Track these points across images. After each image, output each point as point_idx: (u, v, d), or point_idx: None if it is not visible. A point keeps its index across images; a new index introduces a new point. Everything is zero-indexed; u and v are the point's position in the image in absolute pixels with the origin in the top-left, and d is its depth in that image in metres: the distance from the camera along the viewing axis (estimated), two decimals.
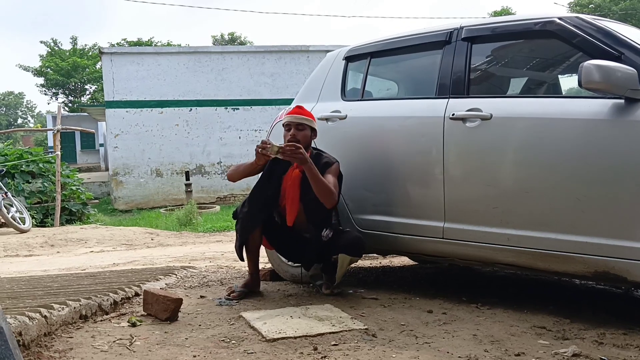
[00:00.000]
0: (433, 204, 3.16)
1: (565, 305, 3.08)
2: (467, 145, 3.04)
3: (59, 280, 3.86)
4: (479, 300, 3.15)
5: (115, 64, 15.39)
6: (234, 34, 40.25)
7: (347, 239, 3.26)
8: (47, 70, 37.14)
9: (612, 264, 2.56)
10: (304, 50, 16.40)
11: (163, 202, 15.51)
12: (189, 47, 19.94)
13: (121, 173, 15.60)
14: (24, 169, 11.09)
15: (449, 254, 3.18)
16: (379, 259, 4.85)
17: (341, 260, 3.27)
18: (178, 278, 4.04)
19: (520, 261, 2.89)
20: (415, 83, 3.88)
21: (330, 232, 3.28)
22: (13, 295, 3.08)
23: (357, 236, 3.30)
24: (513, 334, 2.57)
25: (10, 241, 7.66)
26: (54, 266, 5.64)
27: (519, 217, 2.84)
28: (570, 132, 2.69)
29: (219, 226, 9.80)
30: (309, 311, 2.96)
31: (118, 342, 2.49)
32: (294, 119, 3.34)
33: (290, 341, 2.49)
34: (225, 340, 2.52)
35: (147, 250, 7.16)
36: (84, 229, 9.06)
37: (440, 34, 3.32)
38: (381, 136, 3.46)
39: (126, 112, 15.48)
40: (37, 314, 2.45)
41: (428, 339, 2.52)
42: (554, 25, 2.89)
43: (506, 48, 3.41)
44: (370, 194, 3.48)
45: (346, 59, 3.88)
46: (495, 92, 3.48)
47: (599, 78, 2.49)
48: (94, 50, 36.83)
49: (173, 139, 15.78)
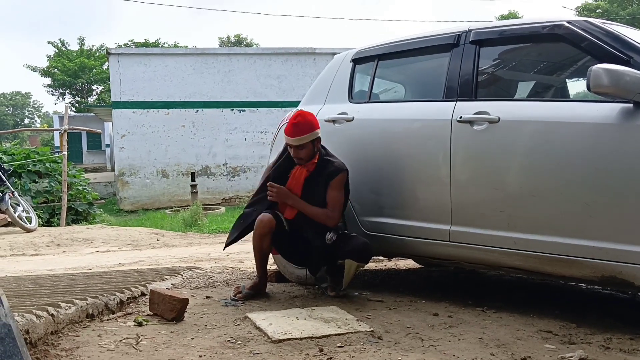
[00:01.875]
0: (440, 207, 3.15)
1: (571, 309, 3.07)
2: (474, 148, 3.04)
3: (65, 279, 3.88)
4: (485, 304, 3.14)
5: (122, 65, 15.44)
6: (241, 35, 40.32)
7: (354, 244, 3.26)
8: (55, 70, 37.29)
9: (619, 268, 2.55)
10: (310, 52, 16.41)
11: (168, 203, 15.53)
12: (196, 48, 19.99)
13: (127, 173, 15.64)
14: (31, 169, 11.13)
15: (455, 257, 3.18)
16: (384, 262, 4.84)
17: (348, 266, 3.27)
18: (184, 278, 4.05)
19: (527, 265, 2.89)
20: (422, 86, 3.88)
21: (334, 235, 3.28)
22: (20, 294, 3.09)
23: (364, 242, 3.29)
24: (519, 338, 2.56)
25: (17, 240, 7.69)
26: (60, 265, 5.67)
27: (526, 221, 2.84)
28: (578, 136, 2.69)
29: (224, 227, 9.81)
30: (315, 313, 2.96)
31: (124, 341, 2.50)
32: (294, 142, 3.30)
33: (296, 342, 2.49)
34: (231, 340, 2.53)
35: (152, 250, 7.18)
36: (90, 229, 9.08)
37: (448, 37, 3.32)
38: (388, 138, 3.46)
39: (133, 113, 15.52)
40: (44, 312, 2.46)
41: (434, 342, 2.52)
42: (562, 29, 2.89)
43: (514, 51, 3.40)
44: (376, 196, 3.48)
45: (353, 61, 3.89)
46: (503, 95, 3.48)
47: (607, 82, 2.48)
48: (101, 51, 36.93)
49: (179, 140, 15.81)
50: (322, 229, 3.31)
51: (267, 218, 3.31)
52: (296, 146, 3.30)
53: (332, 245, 3.28)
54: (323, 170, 3.33)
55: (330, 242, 3.27)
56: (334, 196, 3.31)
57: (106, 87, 34.19)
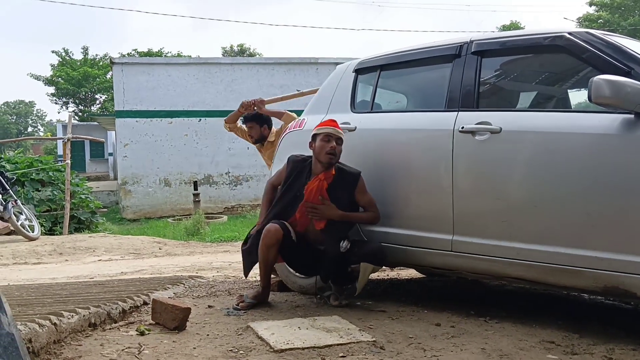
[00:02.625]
0: (442, 217, 3.16)
1: (574, 320, 3.06)
2: (476, 159, 3.05)
3: (68, 288, 3.88)
4: (487, 314, 3.14)
5: (125, 74, 15.52)
6: (244, 45, 40.45)
7: (370, 248, 3.30)
8: (58, 79, 37.42)
9: (622, 279, 2.55)
10: (312, 62, 16.49)
11: (171, 212, 15.55)
12: (199, 58, 20.09)
13: (130, 182, 15.67)
14: (34, 177, 11.17)
15: (458, 267, 3.18)
16: (386, 271, 4.84)
17: (363, 269, 3.29)
18: (186, 287, 4.05)
19: (530, 275, 2.88)
20: (424, 96, 3.89)
21: (348, 243, 3.30)
22: (23, 303, 3.10)
23: (379, 245, 3.33)
24: (522, 348, 2.56)
25: (20, 249, 7.70)
26: (63, 274, 5.67)
27: (529, 231, 2.84)
28: (580, 147, 2.69)
29: (226, 236, 9.82)
30: (317, 322, 2.96)
31: (127, 350, 2.50)
32: (336, 133, 3.40)
33: (299, 352, 2.49)
34: (234, 350, 2.53)
35: (154, 259, 7.18)
36: (92, 238, 9.10)
37: (450, 48, 3.34)
38: (390, 148, 3.47)
39: (136, 122, 15.58)
40: (47, 321, 2.47)
41: (436, 352, 2.51)
42: (563, 40, 2.91)
43: (516, 62, 3.42)
44: (378, 206, 3.48)
45: (356, 72, 3.90)
46: (505, 105, 3.49)
47: (609, 93, 2.49)
48: (104, 61, 37.09)
49: (182, 149, 15.86)
50: (337, 238, 3.33)
51: (274, 228, 3.31)
52: (337, 138, 3.38)
53: (346, 252, 3.30)
54: (342, 179, 3.39)
55: (345, 249, 3.29)
56: (368, 198, 3.41)
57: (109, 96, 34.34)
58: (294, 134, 4.05)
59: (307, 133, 3.87)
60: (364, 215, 3.43)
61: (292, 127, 4.17)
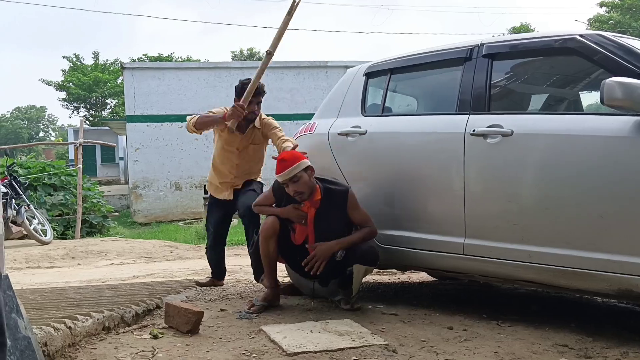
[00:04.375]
0: (453, 220, 3.15)
1: (587, 323, 3.05)
2: (487, 162, 3.04)
3: (81, 292, 3.91)
4: (499, 317, 3.13)
5: (136, 79, 15.61)
6: (253, 49, 40.56)
7: (361, 249, 3.28)
8: (69, 84, 37.70)
9: (635, 281, 2.53)
10: (322, 65, 16.48)
11: (182, 216, 15.59)
12: (209, 62, 20.19)
13: (141, 186, 15.74)
14: (46, 182, 11.25)
15: (469, 270, 3.17)
16: (397, 275, 4.84)
17: (356, 271, 3.29)
18: (198, 291, 4.07)
19: (542, 278, 2.88)
20: (435, 99, 3.89)
21: (343, 252, 3.30)
22: (37, 307, 3.13)
23: (371, 246, 3.32)
24: (535, 352, 2.55)
25: (32, 253, 7.76)
26: (75, 278, 5.71)
27: (541, 234, 2.83)
28: (592, 149, 2.69)
29: (236, 240, 9.82)
30: (329, 326, 2.96)
31: (140, 354, 2.52)
32: (285, 177, 3.28)
33: (311, 355, 2.50)
34: (246, 353, 2.54)
35: (166, 263, 7.21)
36: (104, 242, 9.15)
37: (461, 51, 3.34)
38: (401, 152, 3.48)
39: (147, 126, 15.66)
40: (61, 325, 2.49)
41: (449, 355, 2.51)
42: (575, 42, 2.90)
43: (527, 65, 3.42)
44: (389, 209, 3.49)
45: (366, 75, 3.91)
46: (516, 108, 3.48)
47: (621, 95, 2.48)
48: (115, 65, 37.32)
49: (192, 153, 15.89)
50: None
51: (271, 220, 3.37)
52: (290, 180, 3.27)
53: (342, 260, 3.30)
54: (330, 201, 3.34)
55: (340, 258, 3.29)
56: (361, 214, 3.37)
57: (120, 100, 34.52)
58: (304, 137, 4.07)
59: (317, 137, 3.90)
60: (361, 235, 3.34)
61: (303, 130, 4.18)
